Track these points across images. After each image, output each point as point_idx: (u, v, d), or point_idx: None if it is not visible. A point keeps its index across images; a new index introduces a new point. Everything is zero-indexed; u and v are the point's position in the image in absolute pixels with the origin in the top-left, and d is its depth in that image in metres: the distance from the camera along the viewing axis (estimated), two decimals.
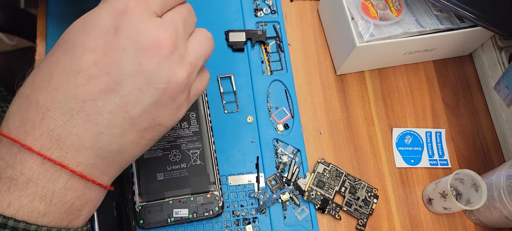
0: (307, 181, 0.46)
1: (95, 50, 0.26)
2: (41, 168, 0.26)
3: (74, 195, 0.27)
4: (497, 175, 0.43)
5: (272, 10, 0.53)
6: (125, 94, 0.26)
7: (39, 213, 0.26)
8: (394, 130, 0.50)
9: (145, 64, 0.26)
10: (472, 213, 0.47)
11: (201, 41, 0.31)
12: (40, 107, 0.26)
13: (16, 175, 0.25)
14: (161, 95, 0.27)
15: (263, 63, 0.51)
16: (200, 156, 0.44)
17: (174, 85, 0.28)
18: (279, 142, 0.48)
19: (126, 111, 0.27)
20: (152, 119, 0.28)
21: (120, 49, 0.26)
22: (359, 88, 0.52)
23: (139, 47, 0.26)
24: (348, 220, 0.46)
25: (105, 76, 0.26)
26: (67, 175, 0.26)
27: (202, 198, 0.43)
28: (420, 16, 0.48)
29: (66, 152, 0.26)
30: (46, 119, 0.25)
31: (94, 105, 0.26)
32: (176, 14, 0.29)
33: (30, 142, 0.25)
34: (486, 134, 0.52)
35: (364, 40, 0.45)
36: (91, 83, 0.26)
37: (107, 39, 0.26)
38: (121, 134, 0.27)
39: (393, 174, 0.49)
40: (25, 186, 0.25)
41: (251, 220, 0.44)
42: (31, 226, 0.25)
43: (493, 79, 0.52)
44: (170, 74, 0.27)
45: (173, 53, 0.27)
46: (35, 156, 0.25)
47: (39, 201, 0.26)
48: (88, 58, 0.26)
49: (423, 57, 0.53)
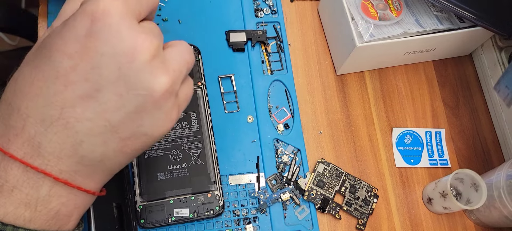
0: (307, 181, 0.46)
1: (72, 56, 0.25)
2: (25, 176, 0.25)
3: (59, 202, 0.27)
4: (497, 175, 0.43)
5: (273, 10, 0.53)
6: (105, 101, 0.25)
7: (24, 220, 0.25)
8: (394, 129, 0.51)
9: (125, 69, 0.25)
10: (472, 212, 0.47)
11: (181, 50, 0.29)
12: (21, 114, 0.25)
13: (0, 183, 0.25)
14: (144, 102, 0.26)
15: (264, 63, 0.51)
16: (201, 155, 0.44)
17: (158, 92, 0.26)
18: (279, 141, 0.48)
19: (107, 119, 0.26)
20: (136, 127, 0.27)
21: (98, 54, 0.25)
22: (359, 88, 0.52)
23: (118, 52, 0.25)
24: (348, 220, 0.46)
25: (84, 82, 0.25)
26: (50, 182, 0.26)
27: (203, 197, 0.43)
28: (420, 16, 0.48)
29: (48, 160, 0.25)
30: (27, 126, 0.25)
31: (73, 113, 0.25)
32: (153, 24, 0.28)
33: (13, 150, 0.25)
34: (486, 134, 0.52)
35: (364, 41, 0.45)
36: (69, 90, 0.25)
37: (84, 44, 0.25)
38: (102, 142, 0.26)
39: (393, 174, 0.49)
40: (10, 193, 0.25)
41: (252, 220, 0.44)
42: (19, 229, 0.25)
43: (493, 79, 0.52)
44: (152, 80, 0.26)
45: (154, 57, 0.26)
46: (18, 164, 0.25)
47: (24, 208, 0.25)
48: (66, 64, 0.25)
49: (423, 57, 0.53)
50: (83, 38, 0.25)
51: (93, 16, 0.25)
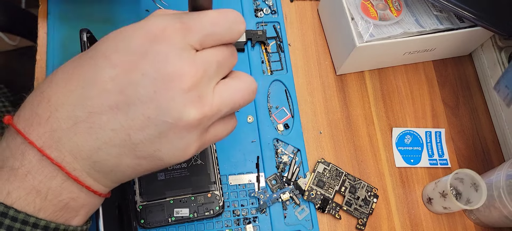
0: (307, 181, 0.46)
1: (116, 67, 0.25)
2: (40, 164, 0.26)
3: (69, 196, 0.27)
4: (496, 175, 0.43)
5: (272, 10, 0.53)
6: (132, 118, 0.26)
7: (34, 207, 0.26)
8: (394, 129, 0.51)
9: (160, 94, 0.25)
10: (472, 212, 0.47)
11: (235, 88, 0.29)
12: (50, 105, 0.26)
13: (16, 166, 0.26)
14: (168, 129, 0.26)
15: (263, 63, 0.51)
16: (201, 155, 0.44)
17: (183, 123, 0.26)
18: (279, 141, 0.48)
19: (129, 134, 0.26)
20: (153, 151, 0.27)
21: (140, 73, 0.25)
22: (359, 88, 0.52)
23: (159, 76, 0.25)
24: (348, 220, 0.46)
25: (118, 94, 0.25)
26: (63, 175, 0.26)
27: (203, 197, 0.43)
28: (419, 16, 0.48)
29: (64, 155, 0.26)
30: (51, 118, 0.26)
31: (99, 119, 0.25)
32: (214, 54, 0.27)
33: (33, 137, 0.26)
34: (485, 134, 0.52)
35: (364, 40, 0.45)
36: (102, 97, 0.25)
37: (131, 59, 0.25)
38: (118, 154, 0.27)
39: (393, 174, 0.49)
40: (24, 178, 0.26)
41: (252, 220, 0.44)
42: (31, 217, 0.26)
43: (492, 79, 0.52)
44: (181, 110, 0.26)
45: (191, 90, 0.26)
46: (35, 151, 0.26)
47: (35, 195, 0.26)
48: (108, 72, 0.25)
49: (423, 57, 0.53)
50: (133, 54, 0.25)
51: (151, 36, 0.25)
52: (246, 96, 0.29)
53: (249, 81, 0.30)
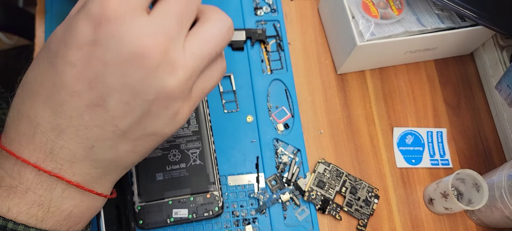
0: (308, 181, 0.46)
1: (75, 64, 0.24)
2: (38, 179, 0.26)
3: (72, 204, 0.27)
4: (498, 175, 0.43)
5: (272, 8, 0.53)
6: (112, 109, 0.25)
7: (37, 219, 0.26)
8: (395, 129, 0.50)
9: (129, 77, 0.24)
10: (474, 213, 0.47)
11: (206, 37, 0.26)
12: (31, 122, 0.25)
13: (14, 184, 0.26)
14: (150, 106, 0.25)
15: (263, 62, 0.51)
16: (200, 155, 0.44)
17: (163, 95, 0.25)
18: (279, 141, 0.47)
19: (115, 124, 0.25)
20: (144, 129, 0.27)
21: (102, 63, 0.24)
22: (360, 87, 0.52)
23: (121, 60, 0.23)
24: (348, 221, 0.46)
25: (89, 91, 0.24)
26: (63, 184, 0.26)
27: (202, 198, 0.42)
28: (421, 15, 0.48)
29: (61, 164, 0.26)
30: (37, 133, 0.25)
31: (82, 121, 0.25)
32: (168, 9, 0.25)
33: (26, 155, 0.25)
34: (487, 134, 0.52)
35: (365, 39, 0.45)
36: (75, 99, 0.24)
37: (86, 52, 0.24)
38: (113, 145, 0.26)
39: (394, 174, 0.48)
40: (24, 194, 0.26)
41: (251, 221, 0.44)
42: (31, 229, 0.25)
43: (494, 78, 0.52)
44: (158, 85, 0.25)
45: (161, 62, 0.24)
46: (31, 168, 0.25)
47: (37, 208, 0.26)
48: (70, 72, 0.24)
49: (424, 56, 0.53)
50: (86, 45, 0.24)
51: (96, 20, 0.23)
52: (220, 41, 0.27)
53: (220, 23, 0.27)
